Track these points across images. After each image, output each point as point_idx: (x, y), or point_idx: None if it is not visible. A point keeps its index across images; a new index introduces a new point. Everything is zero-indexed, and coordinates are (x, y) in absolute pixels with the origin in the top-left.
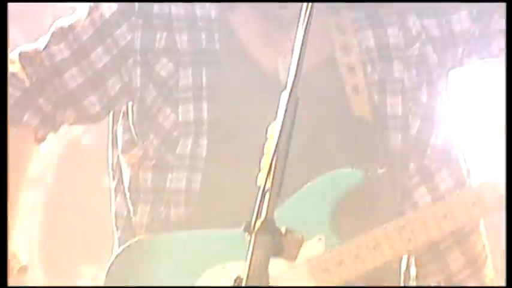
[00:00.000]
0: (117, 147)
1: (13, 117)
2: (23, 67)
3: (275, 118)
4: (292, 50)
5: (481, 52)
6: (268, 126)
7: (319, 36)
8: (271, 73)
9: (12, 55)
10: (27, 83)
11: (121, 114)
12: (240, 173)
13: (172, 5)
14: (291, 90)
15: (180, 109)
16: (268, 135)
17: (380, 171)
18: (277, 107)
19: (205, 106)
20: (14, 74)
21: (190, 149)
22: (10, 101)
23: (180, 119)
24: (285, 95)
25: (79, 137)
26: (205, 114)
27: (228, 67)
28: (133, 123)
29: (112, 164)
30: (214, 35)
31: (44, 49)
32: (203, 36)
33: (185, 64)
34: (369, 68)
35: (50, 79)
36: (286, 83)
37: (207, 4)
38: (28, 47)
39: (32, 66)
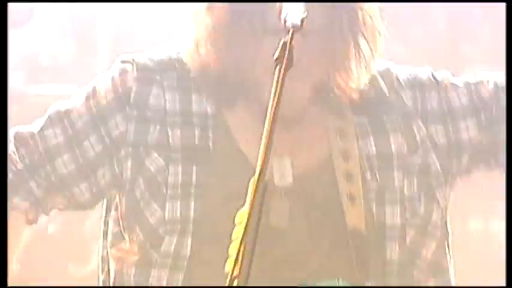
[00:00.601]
0: (107, 239)
1: None
2: (17, 148)
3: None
4: (290, 151)
5: (489, 161)
6: None
7: (318, 139)
8: (266, 174)
9: (10, 134)
10: (19, 165)
11: (113, 205)
12: (224, 273)
13: (168, 99)
14: (259, 175)
15: (167, 206)
16: (236, 222)
17: (368, 284)
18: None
19: (192, 204)
20: (8, 155)
21: (174, 247)
22: None
23: (166, 216)
24: (253, 181)
25: (44, 226)
26: (191, 213)
27: (220, 166)
28: (121, 216)
29: (102, 257)
30: (208, 132)
31: (38, 132)
32: (197, 132)
33: (176, 160)
34: (368, 176)
35: (42, 163)
36: (279, 183)
37: (205, 100)
38: (24, 128)
39: (25, 148)
